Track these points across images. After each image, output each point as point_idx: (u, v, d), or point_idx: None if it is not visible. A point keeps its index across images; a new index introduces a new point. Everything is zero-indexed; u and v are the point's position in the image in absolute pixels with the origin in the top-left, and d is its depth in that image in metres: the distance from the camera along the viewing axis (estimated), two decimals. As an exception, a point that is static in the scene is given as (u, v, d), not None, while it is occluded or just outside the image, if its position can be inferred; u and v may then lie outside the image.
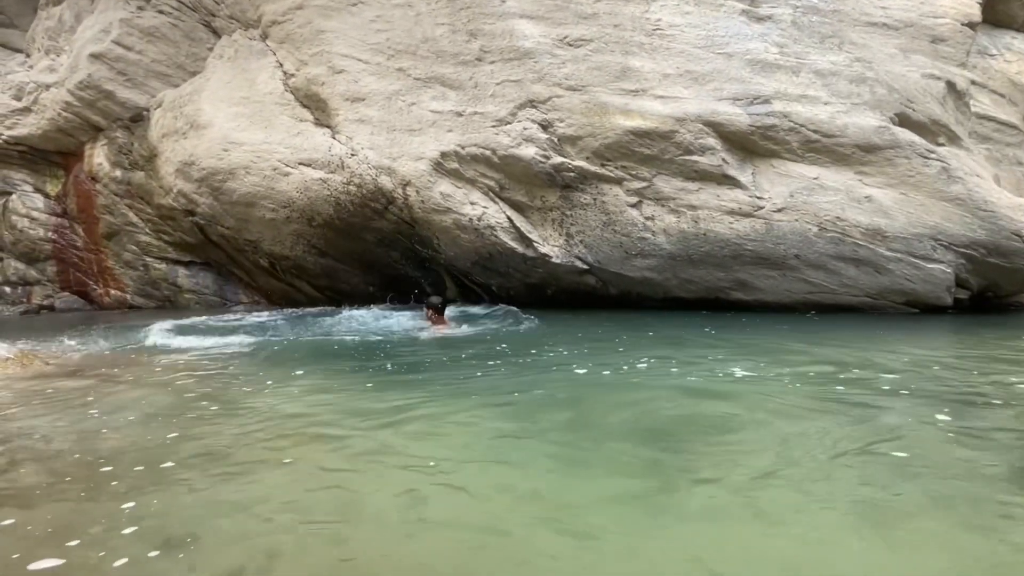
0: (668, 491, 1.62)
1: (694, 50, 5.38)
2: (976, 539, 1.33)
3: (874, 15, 5.61)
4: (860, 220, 5.13)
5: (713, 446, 1.97)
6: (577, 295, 6.32)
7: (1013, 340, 4.01)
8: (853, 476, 1.68)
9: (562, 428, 2.21)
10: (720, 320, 5.15)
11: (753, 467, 1.75)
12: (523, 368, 3.31)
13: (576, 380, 2.99)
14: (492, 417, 2.41)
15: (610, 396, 2.66)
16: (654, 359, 3.41)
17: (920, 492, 1.56)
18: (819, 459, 1.81)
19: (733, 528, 1.40)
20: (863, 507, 1.49)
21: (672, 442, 2.02)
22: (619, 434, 2.11)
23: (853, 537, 1.35)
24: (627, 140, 5.40)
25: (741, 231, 5.38)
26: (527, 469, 1.83)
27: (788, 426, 2.12)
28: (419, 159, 5.91)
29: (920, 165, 5.00)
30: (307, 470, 1.85)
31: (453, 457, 1.92)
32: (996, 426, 2.12)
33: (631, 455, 1.91)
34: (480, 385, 2.93)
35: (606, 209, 5.74)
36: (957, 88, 5.49)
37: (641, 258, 5.81)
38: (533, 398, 2.64)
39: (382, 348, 4.30)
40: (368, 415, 2.43)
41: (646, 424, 2.23)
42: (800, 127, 5.14)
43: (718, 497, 1.56)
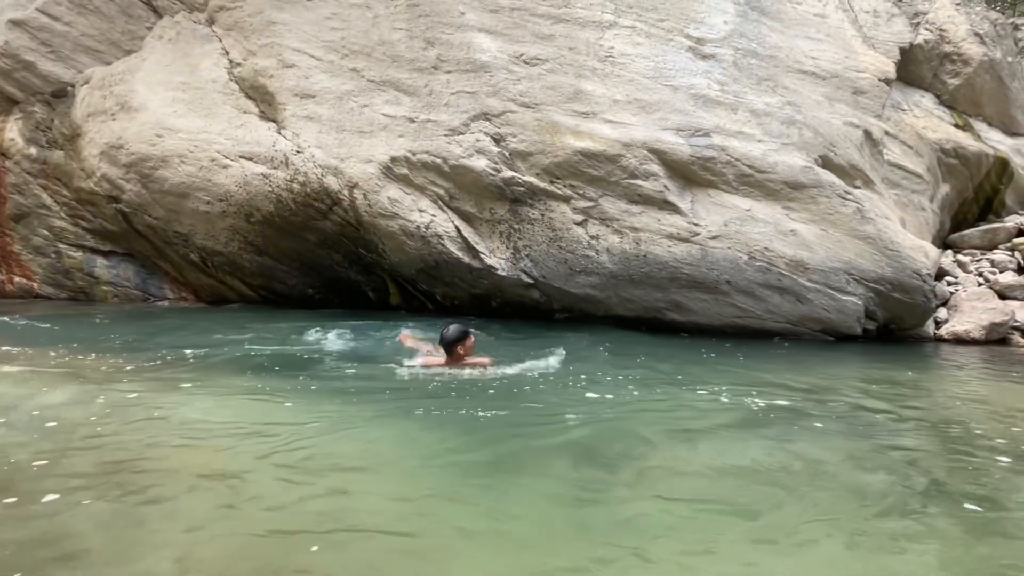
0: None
1: (643, 80, 5.63)
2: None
3: (805, 64, 6.10)
4: (785, 252, 5.50)
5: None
6: (521, 308, 6.38)
7: (914, 368, 4.42)
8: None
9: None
10: (704, 344, 5.35)
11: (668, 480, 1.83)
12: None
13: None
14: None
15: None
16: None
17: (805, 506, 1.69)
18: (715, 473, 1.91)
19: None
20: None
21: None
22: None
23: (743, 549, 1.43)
24: (576, 160, 5.55)
25: (679, 255, 5.62)
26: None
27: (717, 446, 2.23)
28: (368, 162, 5.81)
29: (839, 204, 5.44)
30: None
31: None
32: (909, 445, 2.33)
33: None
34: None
35: (553, 226, 5.85)
36: (873, 137, 6.03)
37: (585, 275, 5.95)
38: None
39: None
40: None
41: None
42: (736, 161, 5.47)
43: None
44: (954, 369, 4.74)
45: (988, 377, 4.47)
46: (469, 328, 3.83)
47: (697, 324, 5.97)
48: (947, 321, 5.96)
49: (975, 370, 4.67)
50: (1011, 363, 4.93)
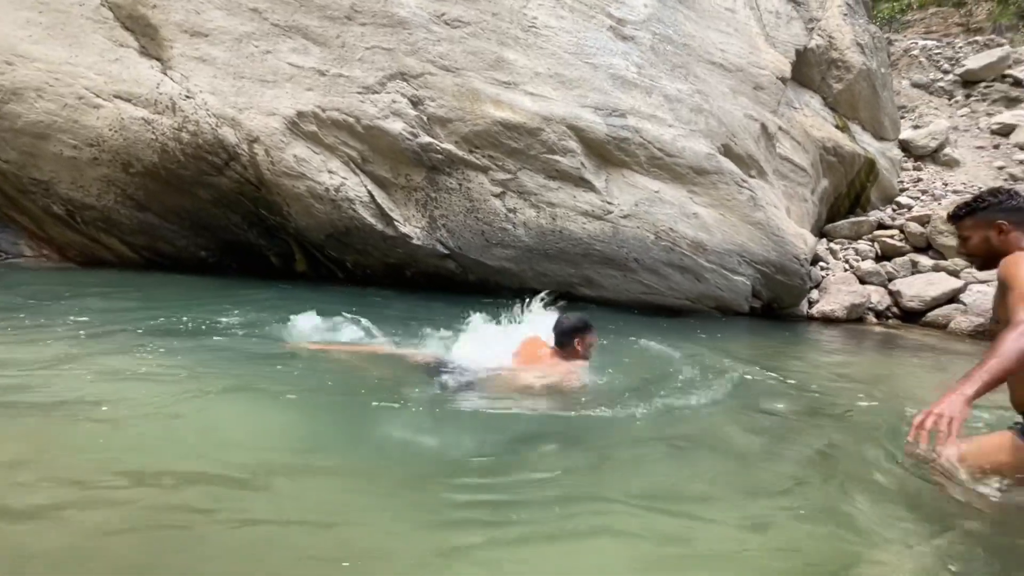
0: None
1: (565, 55, 5.63)
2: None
3: (715, 55, 6.42)
4: (688, 233, 5.86)
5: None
6: (436, 279, 6.28)
7: (788, 341, 4.95)
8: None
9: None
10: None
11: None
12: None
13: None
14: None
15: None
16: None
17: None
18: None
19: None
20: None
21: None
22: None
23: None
24: (496, 130, 5.47)
25: (592, 232, 5.79)
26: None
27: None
28: (271, 115, 5.33)
29: (736, 191, 5.86)
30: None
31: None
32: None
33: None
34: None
35: (471, 196, 5.76)
36: (768, 131, 6.53)
37: (501, 248, 5.95)
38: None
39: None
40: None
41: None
42: (648, 143, 5.69)
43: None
44: (820, 343, 5.39)
45: (845, 350, 5.13)
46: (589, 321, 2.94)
47: (607, 299, 6.23)
48: (818, 302, 6.71)
49: (835, 344, 5.34)
50: (864, 339, 5.69)
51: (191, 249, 6.32)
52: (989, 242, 1.95)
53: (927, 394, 2.72)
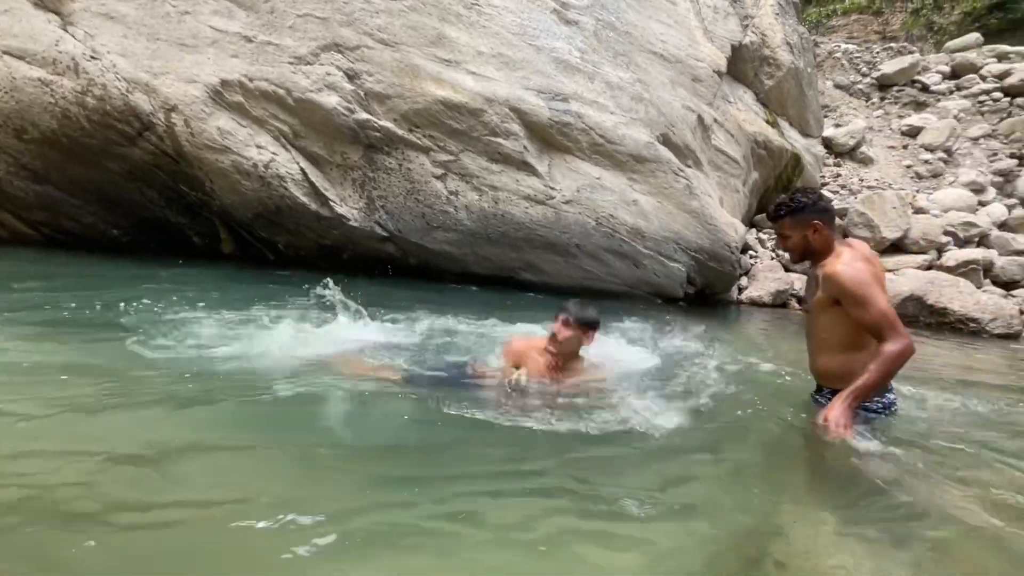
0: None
1: (508, 35, 5.54)
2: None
3: (655, 46, 6.53)
4: (627, 220, 5.97)
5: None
6: (375, 262, 6.08)
7: (721, 324, 5.16)
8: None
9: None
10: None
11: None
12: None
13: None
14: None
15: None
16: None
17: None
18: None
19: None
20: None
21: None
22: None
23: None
24: (437, 109, 5.32)
25: (534, 216, 5.78)
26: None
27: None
28: (191, 82, 4.92)
29: (673, 180, 6.02)
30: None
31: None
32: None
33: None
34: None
35: (411, 177, 5.60)
36: (704, 122, 6.74)
37: (443, 231, 5.83)
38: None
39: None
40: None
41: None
42: (590, 129, 5.72)
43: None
44: (747, 325, 5.66)
45: (769, 333, 5.42)
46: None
47: (548, 284, 6.26)
48: (747, 288, 7.05)
49: (761, 327, 5.63)
50: (787, 322, 6.03)
51: (101, 227, 5.78)
52: (807, 240, 2.22)
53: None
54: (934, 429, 2.50)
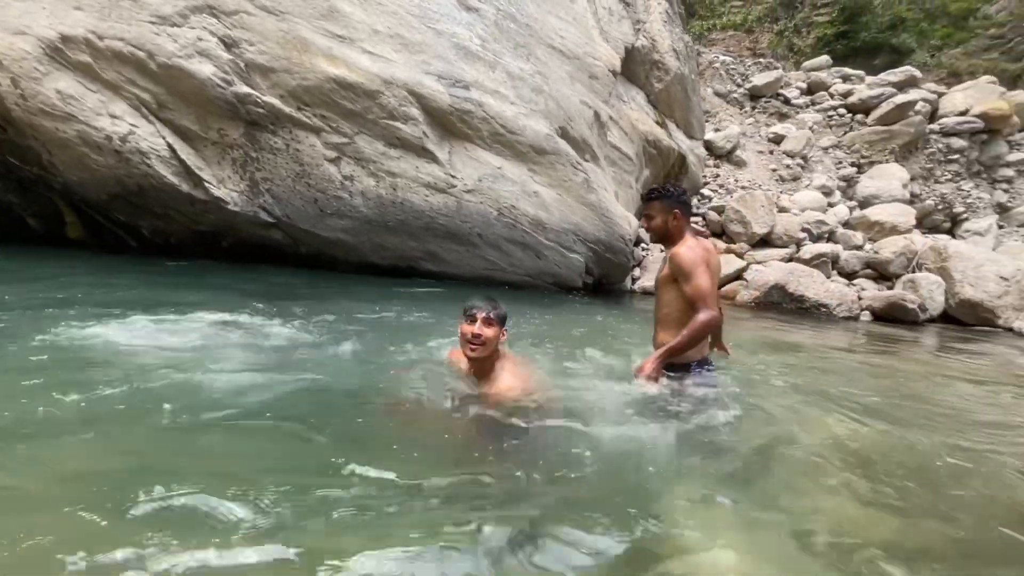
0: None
1: (407, 16, 5.32)
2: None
3: (555, 40, 6.64)
4: (529, 211, 6.03)
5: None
6: (260, 251, 5.58)
7: (613, 314, 5.40)
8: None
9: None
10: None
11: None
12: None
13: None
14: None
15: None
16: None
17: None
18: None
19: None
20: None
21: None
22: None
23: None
24: (329, 88, 4.98)
25: (435, 205, 5.64)
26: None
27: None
28: (20, 34, 4.14)
29: (571, 173, 6.18)
30: None
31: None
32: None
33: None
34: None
35: (301, 159, 5.20)
36: (601, 119, 7.00)
37: (337, 218, 5.50)
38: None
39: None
40: None
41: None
42: (491, 119, 5.68)
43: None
44: (639, 313, 5.98)
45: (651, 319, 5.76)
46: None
47: (450, 274, 6.16)
48: (639, 278, 7.47)
49: (649, 315, 5.97)
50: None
51: None
52: (667, 224, 2.51)
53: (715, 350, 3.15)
54: (773, 388, 2.80)
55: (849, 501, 1.81)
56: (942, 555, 1.54)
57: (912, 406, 3.04)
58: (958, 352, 5.32)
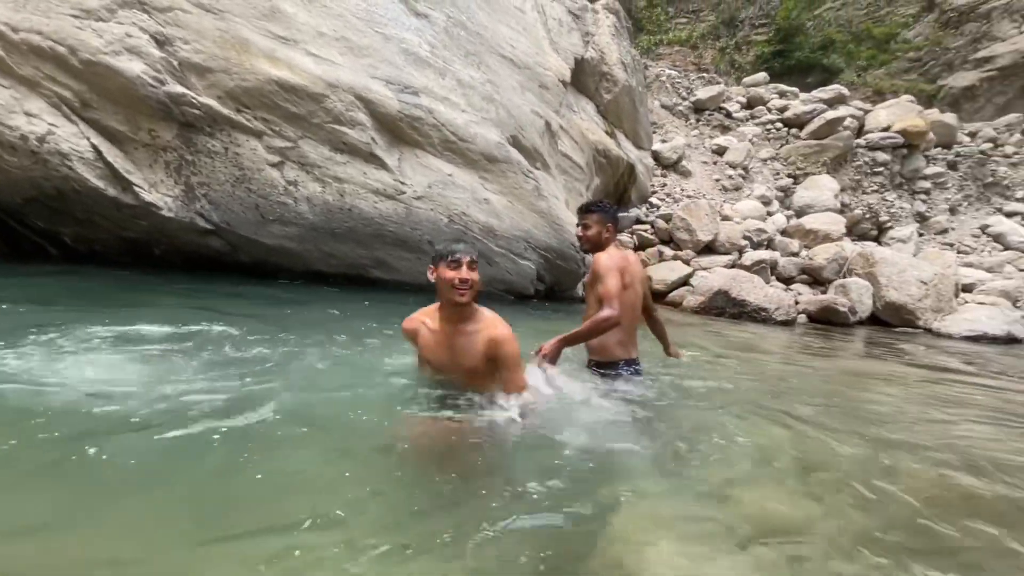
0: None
1: (353, 19, 5.23)
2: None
3: (505, 50, 6.70)
4: (479, 218, 6.02)
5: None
6: (197, 259, 5.32)
7: (563, 318, 5.45)
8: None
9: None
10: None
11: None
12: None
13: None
14: None
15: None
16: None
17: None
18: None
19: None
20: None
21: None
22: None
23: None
24: (271, 90, 4.82)
25: (384, 212, 5.54)
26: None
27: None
28: (-81, 22, 3.79)
29: (522, 181, 6.23)
30: None
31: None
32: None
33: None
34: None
35: (241, 164, 5.00)
36: (552, 128, 7.10)
37: (280, 225, 5.31)
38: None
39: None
40: None
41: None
42: (442, 126, 5.66)
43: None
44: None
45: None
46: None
47: (400, 282, 6.06)
48: (590, 285, 7.59)
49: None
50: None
51: None
52: (600, 235, 2.73)
53: (666, 356, 3.24)
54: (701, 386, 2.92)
55: (776, 495, 1.89)
56: (868, 546, 1.63)
57: (838, 404, 3.22)
58: (884, 351, 5.68)
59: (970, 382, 4.39)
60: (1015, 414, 3.43)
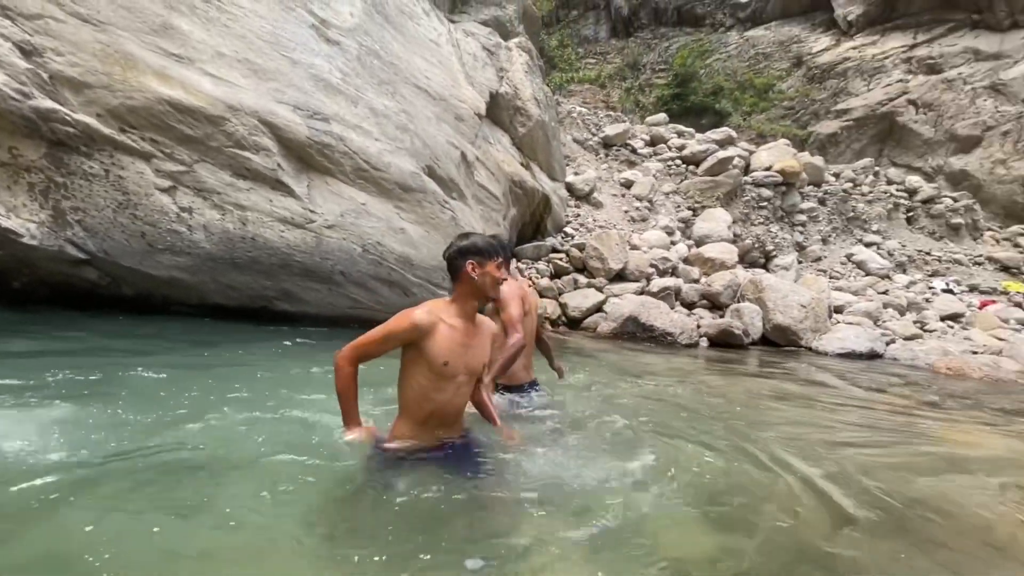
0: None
1: (257, 41, 5.02)
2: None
3: (420, 81, 6.74)
4: (395, 248, 5.90)
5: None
6: (68, 292, 4.71)
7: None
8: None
9: None
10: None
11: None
12: None
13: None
14: None
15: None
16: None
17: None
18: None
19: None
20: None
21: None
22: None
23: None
24: (163, 110, 4.46)
25: (292, 241, 5.27)
26: None
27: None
28: None
29: (439, 211, 6.21)
30: None
31: None
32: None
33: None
34: None
35: (125, 188, 4.54)
36: (467, 159, 7.19)
37: (171, 254, 4.87)
38: None
39: None
40: None
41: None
42: (354, 154, 5.53)
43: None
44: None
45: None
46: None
47: (309, 315, 5.76)
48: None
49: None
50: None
51: None
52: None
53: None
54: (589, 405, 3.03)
55: (669, 516, 1.96)
56: (761, 567, 1.72)
57: (733, 423, 3.45)
58: (773, 370, 6.22)
59: (841, 396, 4.92)
60: (879, 427, 3.87)
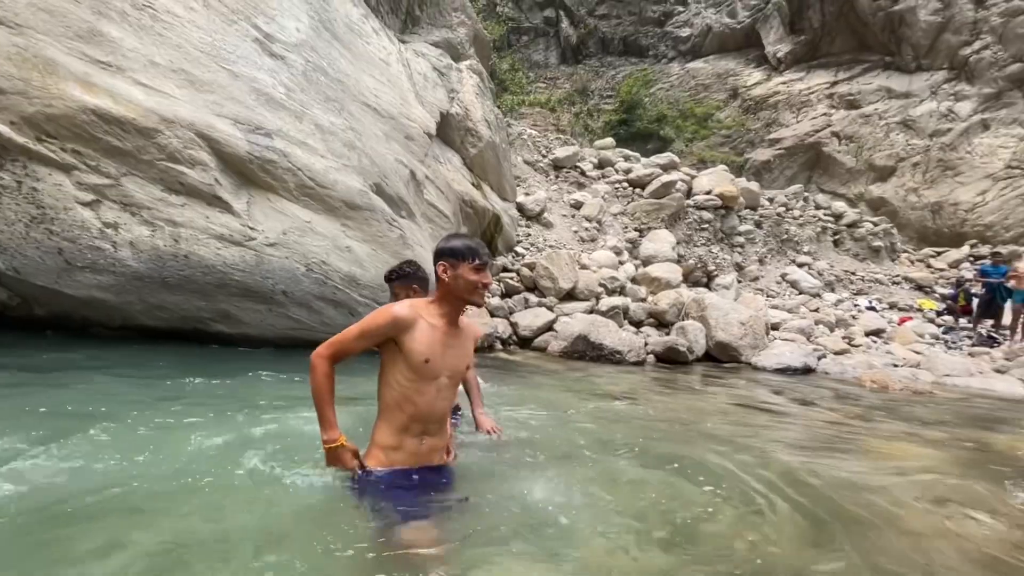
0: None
1: (195, 52, 4.84)
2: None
3: (369, 99, 6.68)
4: (341, 267, 5.75)
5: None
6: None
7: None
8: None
9: None
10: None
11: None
12: None
13: None
14: None
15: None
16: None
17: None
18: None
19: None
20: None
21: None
22: None
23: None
24: (87, 120, 4.19)
25: (229, 259, 5.03)
26: None
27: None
28: None
29: (387, 229, 6.12)
30: None
31: None
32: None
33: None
34: None
35: (40, 201, 4.22)
36: (417, 177, 7.15)
37: (93, 273, 4.54)
38: None
39: None
40: None
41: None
42: (298, 170, 5.37)
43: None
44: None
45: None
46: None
47: (248, 336, 5.50)
48: (459, 332, 7.57)
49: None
50: (491, 362, 6.68)
51: None
52: (410, 299, 2.91)
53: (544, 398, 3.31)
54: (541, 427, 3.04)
55: (607, 536, 1.97)
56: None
57: (676, 438, 3.53)
58: (715, 386, 6.44)
59: (778, 410, 5.15)
60: (813, 440, 4.07)
